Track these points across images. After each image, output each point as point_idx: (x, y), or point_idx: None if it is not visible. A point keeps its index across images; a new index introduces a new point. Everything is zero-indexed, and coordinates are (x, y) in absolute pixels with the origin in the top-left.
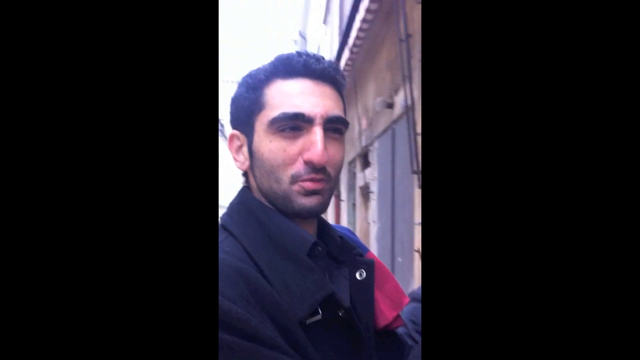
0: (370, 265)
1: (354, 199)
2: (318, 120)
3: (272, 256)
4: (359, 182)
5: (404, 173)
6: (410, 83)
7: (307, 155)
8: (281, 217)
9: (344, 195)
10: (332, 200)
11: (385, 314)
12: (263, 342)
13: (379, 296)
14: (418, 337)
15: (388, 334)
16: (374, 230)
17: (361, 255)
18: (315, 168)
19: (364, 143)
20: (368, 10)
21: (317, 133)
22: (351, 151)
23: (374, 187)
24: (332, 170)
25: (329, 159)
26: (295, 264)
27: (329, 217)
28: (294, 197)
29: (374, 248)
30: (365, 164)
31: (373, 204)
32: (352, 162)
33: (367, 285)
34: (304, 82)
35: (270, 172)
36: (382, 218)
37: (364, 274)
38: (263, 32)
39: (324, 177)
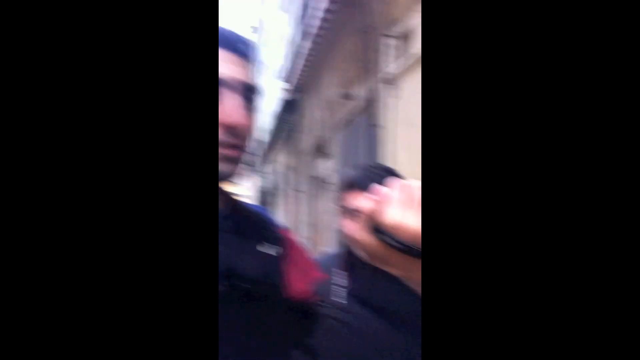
0: (281, 241)
1: (313, 191)
2: (231, 84)
3: None
4: (318, 174)
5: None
6: (371, 75)
7: (223, 119)
8: None
9: (303, 186)
10: (290, 191)
11: (297, 287)
12: None
13: (292, 270)
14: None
15: (301, 307)
16: (332, 221)
17: (273, 232)
18: (231, 132)
19: (323, 134)
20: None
21: (232, 97)
22: (311, 142)
23: (333, 179)
24: (246, 138)
25: (244, 125)
26: None
27: (290, 208)
28: None
29: (332, 238)
30: (325, 155)
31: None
32: (311, 154)
33: (278, 260)
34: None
35: None
36: None
37: (275, 249)
38: (221, 16)
39: (239, 143)
